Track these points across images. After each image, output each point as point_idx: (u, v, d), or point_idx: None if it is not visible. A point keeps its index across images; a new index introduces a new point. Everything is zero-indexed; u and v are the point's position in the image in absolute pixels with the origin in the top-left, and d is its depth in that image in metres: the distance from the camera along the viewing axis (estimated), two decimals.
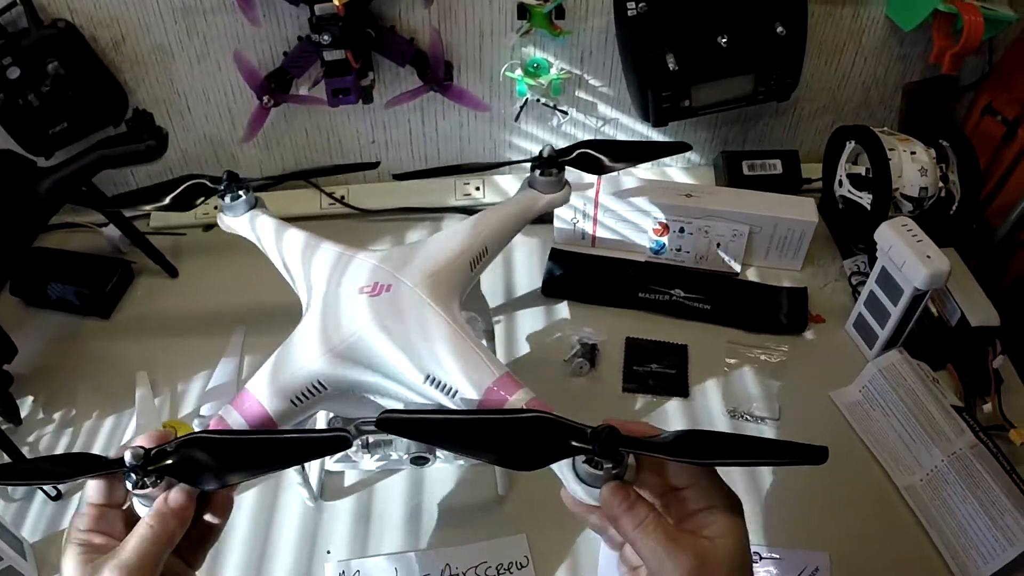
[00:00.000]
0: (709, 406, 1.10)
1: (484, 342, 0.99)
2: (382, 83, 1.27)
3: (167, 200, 0.94)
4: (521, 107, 1.31)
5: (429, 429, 0.64)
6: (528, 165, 0.98)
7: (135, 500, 0.64)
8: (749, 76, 1.24)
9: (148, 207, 0.97)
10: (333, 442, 0.63)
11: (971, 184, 1.17)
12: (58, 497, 1.00)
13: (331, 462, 0.99)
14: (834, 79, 1.38)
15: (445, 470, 1.01)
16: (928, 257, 1.00)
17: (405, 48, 1.21)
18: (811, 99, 1.40)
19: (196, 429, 1.01)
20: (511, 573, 0.92)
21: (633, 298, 1.22)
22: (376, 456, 0.94)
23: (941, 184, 1.18)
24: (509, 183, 1.40)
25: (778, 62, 1.24)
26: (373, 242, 1.31)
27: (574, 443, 0.60)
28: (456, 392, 0.73)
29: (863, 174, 1.22)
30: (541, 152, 0.96)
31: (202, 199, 0.95)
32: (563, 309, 1.22)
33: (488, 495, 1.00)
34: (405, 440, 0.90)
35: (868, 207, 1.20)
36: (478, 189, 1.39)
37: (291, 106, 1.28)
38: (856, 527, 0.97)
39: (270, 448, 0.65)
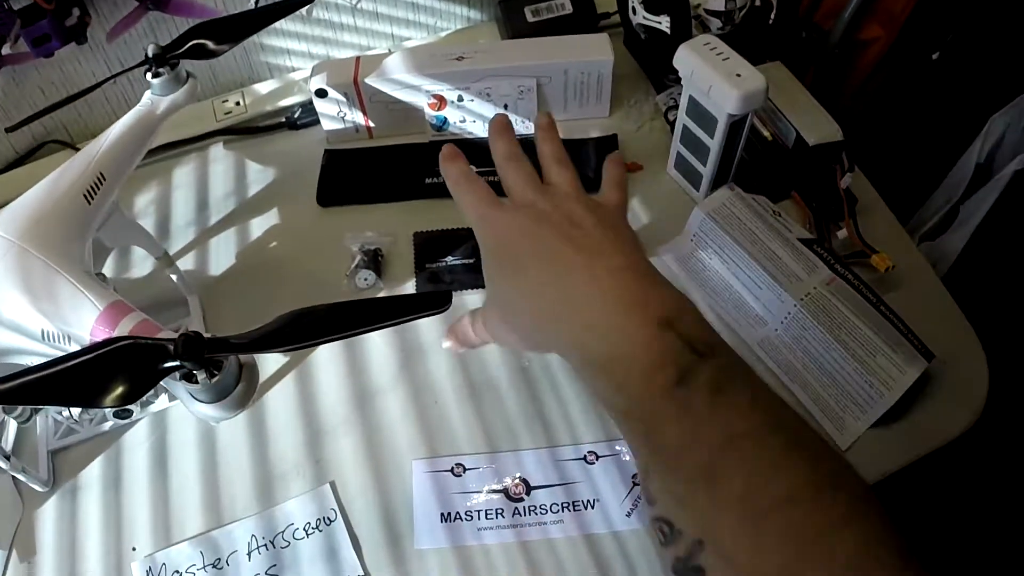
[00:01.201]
0: None
1: (170, 273, 0.96)
2: (100, 15, 1.08)
3: None
4: (255, 2, 1.11)
5: (23, 392, 0.57)
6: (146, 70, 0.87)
7: None
8: None
9: None
10: None
11: None
12: None
13: (55, 440, 0.89)
14: None
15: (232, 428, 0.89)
16: (738, 76, 0.86)
17: None
18: None
19: None
20: (320, 531, 0.82)
21: (419, 186, 1.05)
22: (93, 420, 0.89)
23: None
24: (270, 87, 1.21)
25: None
26: (138, 192, 1.14)
27: (163, 365, 0.58)
28: (71, 339, 0.70)
29: None
30: (146, 51, 0.86)
31: None
32: (344, 216, 1.05)
33: (278, 446, 0.87)
34: None
35: (668, 32, 1.05)
36: (238, 104, 1.19)
37: (16, 68, 1.09)
38: None
39: None
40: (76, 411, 0.87)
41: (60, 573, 0.81)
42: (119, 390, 0.57)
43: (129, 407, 0.86)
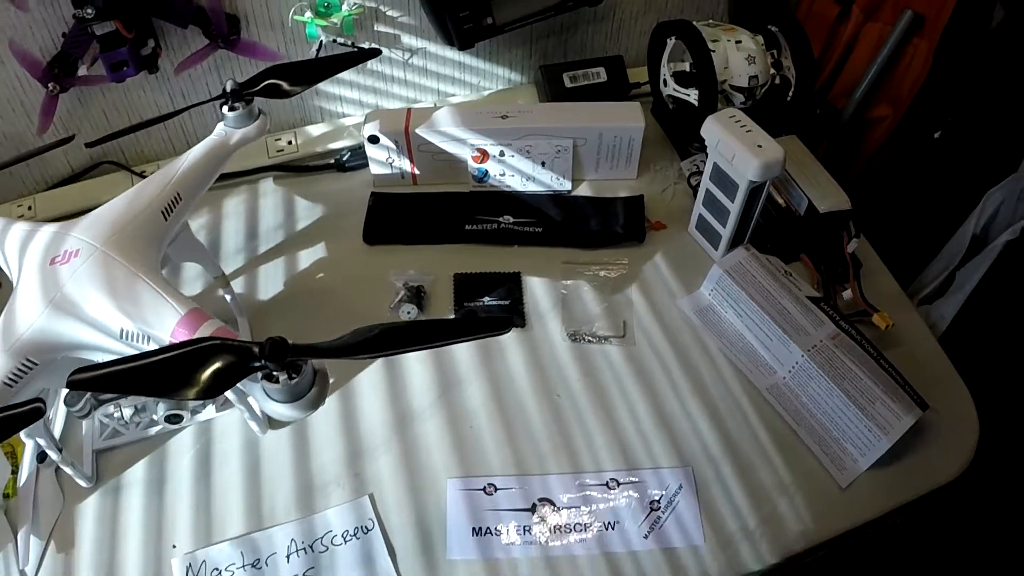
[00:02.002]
0: (548, 333, 1.03)
1: (220, 290, 1.03)
2: (170, 49, 1.16)
3: None
4: (316, 51, 1.20)
5: (112, 380, 0.64)
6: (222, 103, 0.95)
7: None
8: None
9: None
10: (26, 416, 0.63)
11: (805, 67, 1.13)
12: None
13: (100, 440, 0.95)
14: None
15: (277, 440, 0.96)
16: (759, 147, 0.95)
17: (183, 7, 1.10)
18: (630, 0, 1.32)
19: None
20: (357, 538, 0.87)
21: (460, 232, 1.13)
22: (140, 425, 0.95)
23: (774, 71, 1.14)
24: (321, 129, 1.30)
25: None
26: (191, 218, 1.19)
27: (249, 364, 0.63)
28: (150, 339, 0.76)
29: (687, 70, 1.16)
30: (224, 87, 0.93)
31: None
32: (388, 255, 1.13)
33: (320, 459, 0.94)
34: (160, 403, 0.94)
35: (696, 104, 1.13)
36: (290, 143, 1.27)
37: (83, 89, 1.17)
38: (720, 438, 0.93)
39: None
40: (127, 413, 0.93)
41: (98, 566, 0.87)
42: (205, 384, 0.63)
43: (180, 413, 0.93)
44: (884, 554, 1.11)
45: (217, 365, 0.63)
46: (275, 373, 0.65)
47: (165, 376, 0.64)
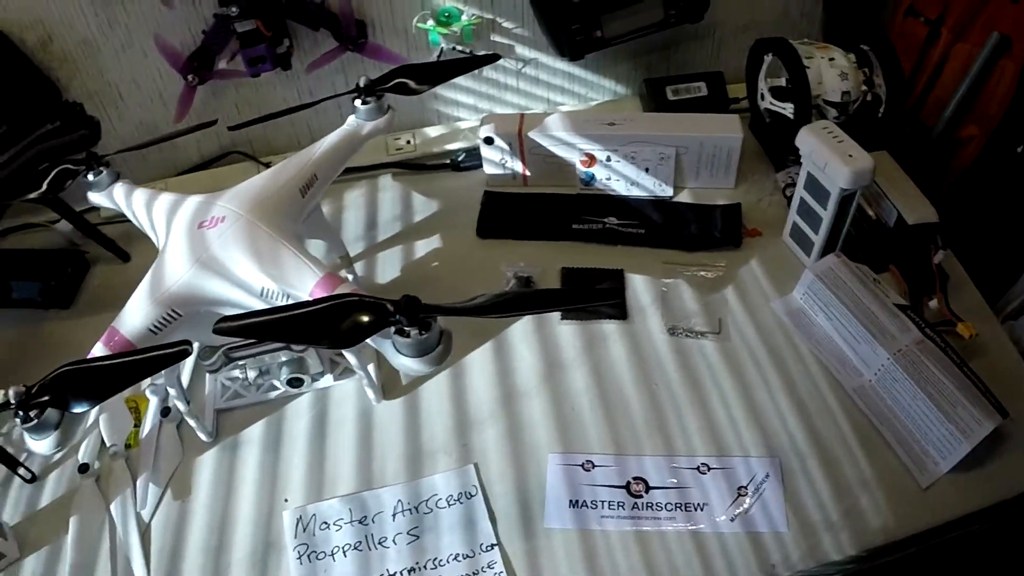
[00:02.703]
0: (648, 326, 1.08)
1: (343, 271, 1.12)
2: (301, 49, 1.26)
3: (44, 187, 1.01)
4: (437, 56, 1.28)
5: (259, 328, 0.71)
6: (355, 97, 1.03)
7: (26, 436, 0.71)
8: (657, 0, 1.23)
9: (32, 196, 1.02)
10: (176, 354, 0.71)
11: (896, 85, 1.16)
12: (33, 480, 0.99)
13: (222, 401, 1.03)
14: None
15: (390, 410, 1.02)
16: (850, 156, 0.99)
17: (316, 11, 1.19)
18: (730, 19, 1.38)
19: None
20: (460, 503, 0.93)
21: (567, 230, 1.20)
22: (262, 388, 1.03)
23: (865, 88, 1.18)
24: (438, 131, 1.38)
25: None
26: None
27: (383, 318, 0.69)
28: (289, 297, 0.83)
29: (784, 85, 1.21)
30: (358, 82, 1.01)
31: (70, 181, 1.02)
32: (500, 248, 1.20)
33: (430, 429, 1.01)
34: (284, 367, 1.00)
35: (792, 117, 1.18)
36: (409, 142, 1.36)
37: (218, 83, 1.27)
38: (807, 432, 0.96)
39: (122, 368, 0.72)
40: (252, 375, 1.01)
41: (212, 513, 0.95)
42: (344, 334, 0.69)
43: (302, 377, 1.00)
44: (963, 563, 1.13)
45: (355, 317, 0.70)
46: (407, 328, 0.71)
47: (308, 325, 0.71)
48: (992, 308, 1.09)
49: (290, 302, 0.81)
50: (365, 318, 0.70)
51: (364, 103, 1.02)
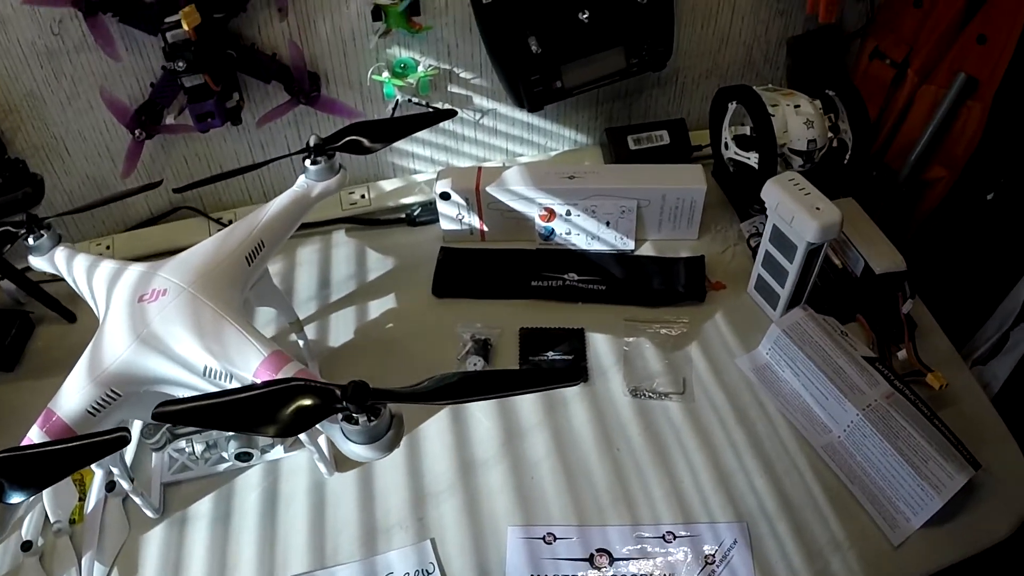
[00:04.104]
0: (610, 388, 1.06)
1: (294, 335, 1.09)
2: (252, 102, 1.23)
3: None
4: (392, 109, 1.26)
5: (198, 414, 0.68)
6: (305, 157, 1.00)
7: None
8: (619, 49, 1.21)
9: None
10: (113, 443, 0.67)
11: (862, 130, 1.15)
12: None
13: (169, 474, 1.00)
14: (713, 42, 1.34)
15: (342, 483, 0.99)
16: (817, 209, 0.97)
17: (267, 64, 1.17)
18: (692, 65, 1.36)
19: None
20: None
21: (526, 288, 1.17)
22: (210, 461, 0.99)
23: (831, 134, 1.16)
24: (393, 184, 1.36)
25: (646, 32, 1.21)
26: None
27: (329, 404, 0.66)
28: (232, 377, 0.80)
29: (748, 134, 1.19)
30: (308, 141, 0.98)
31: (8, 245, 0.99)
32: (456, 308, 1.17)
33: (385, 503, 0.97)
34: (232, 440, 0.97)
35: (756, 167, 1.16)
36: (363, 196, 1.33)
37: (167, 137, 1.24)
38: (774, 494, 0.95)
39: (57, 457, 0.68)
40: (199, 448, 0.97)
41: None
42: (287, 422, 0.66)
43: (250, 451, 0.97)
44: None
45: (301, 404, 0.67)
46: (355, 415, 0.68)
47: (250, 412, 0.68)
48: (960, 352, 1.08)
49: (234, 382, 0.80)
50: (310, 403, 0.67)
51: (314, 163, 0.99)
